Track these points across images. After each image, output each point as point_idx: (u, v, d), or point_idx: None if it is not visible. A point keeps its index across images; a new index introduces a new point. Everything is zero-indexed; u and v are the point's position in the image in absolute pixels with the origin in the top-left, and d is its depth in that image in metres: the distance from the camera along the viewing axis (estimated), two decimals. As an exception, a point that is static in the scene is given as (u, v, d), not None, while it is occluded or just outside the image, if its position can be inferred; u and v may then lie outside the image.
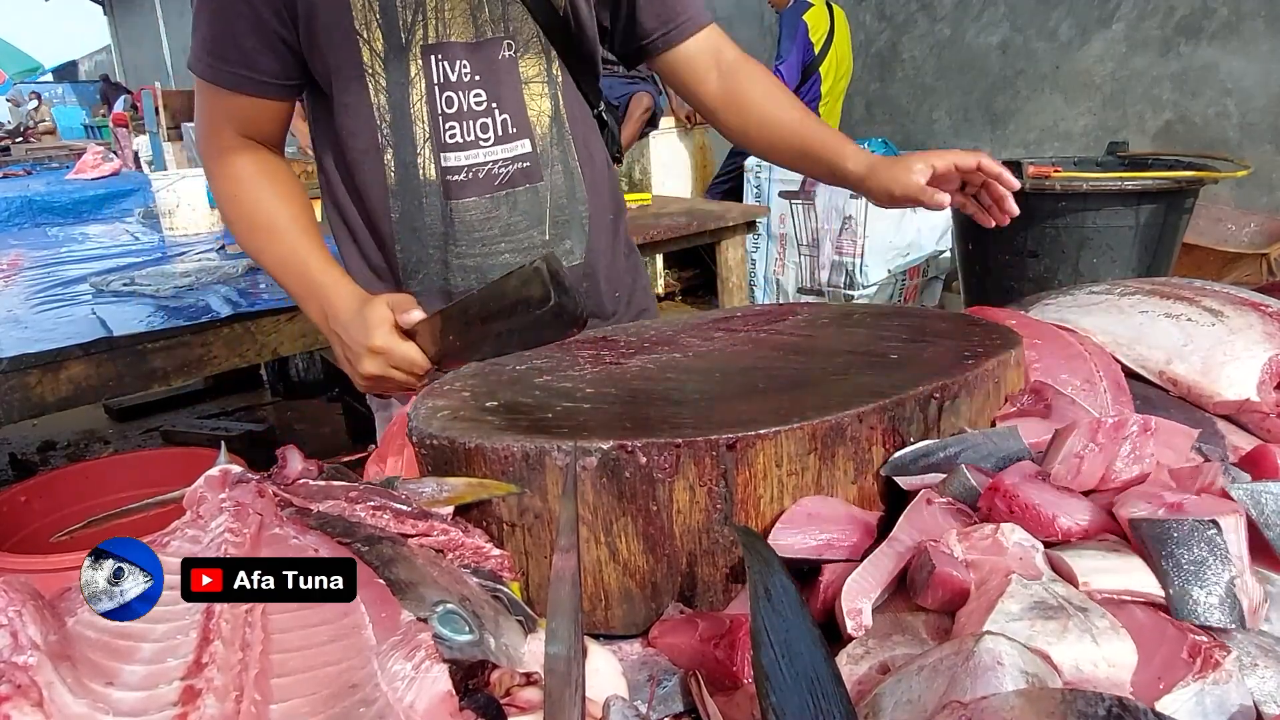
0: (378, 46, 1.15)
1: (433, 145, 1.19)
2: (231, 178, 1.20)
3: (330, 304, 1.12)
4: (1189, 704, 0.48)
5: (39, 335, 2.02)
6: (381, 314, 1.04)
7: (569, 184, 1.27)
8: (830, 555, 0.66)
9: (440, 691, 0.46)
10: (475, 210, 1.22)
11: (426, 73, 1.17)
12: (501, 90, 1.20)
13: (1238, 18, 4.04)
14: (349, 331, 1.08)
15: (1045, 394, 0.81)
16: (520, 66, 1.21)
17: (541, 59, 1.22)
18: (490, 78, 1.19)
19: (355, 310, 1.08)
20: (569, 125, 1.27)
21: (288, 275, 1.17)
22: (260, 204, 1.19)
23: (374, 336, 1.04)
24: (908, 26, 5.52)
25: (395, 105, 1.18)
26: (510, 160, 1.22)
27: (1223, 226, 3.85)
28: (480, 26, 1.18)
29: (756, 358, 0.88)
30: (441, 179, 1.20)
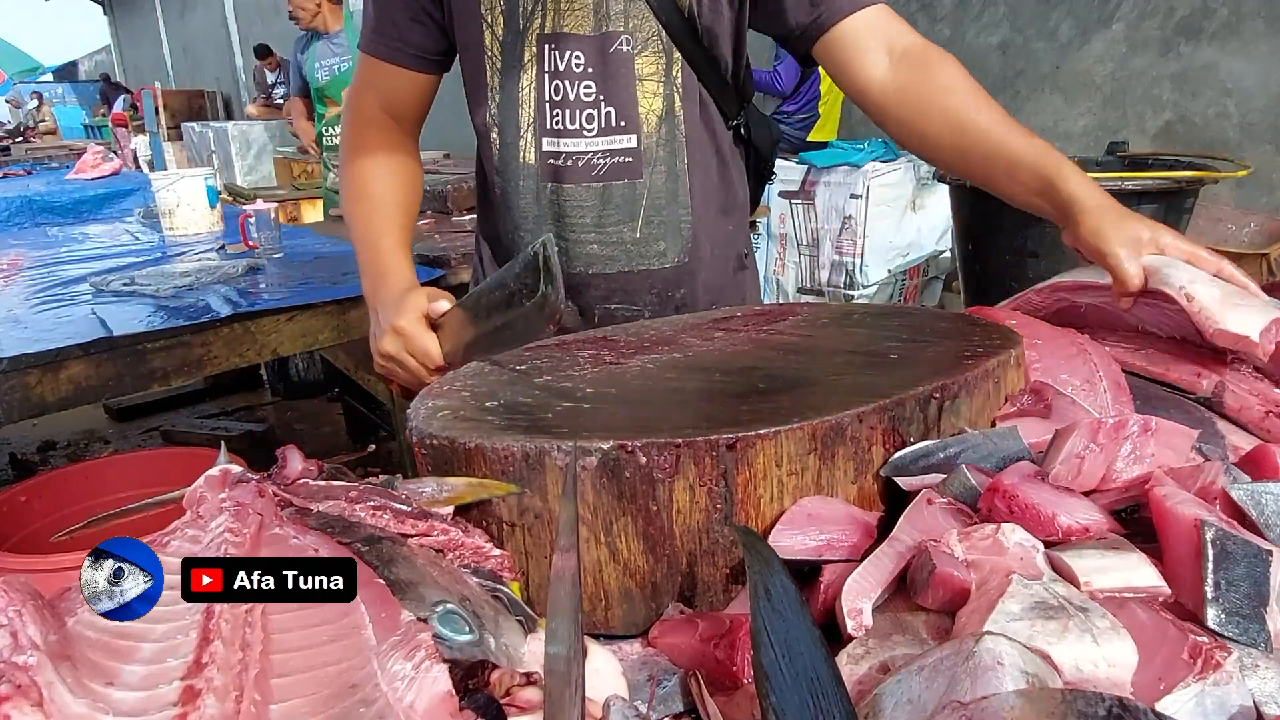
0: (498, 30, 1.22)
1: (535, 130, 1.24)
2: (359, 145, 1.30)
3: (382, 280, 1.18)
4: (1189, 705, 0.48)
5: (39, 335, 2.02)
6: (417, 301, 1.10)
7: (671, 186, 1.27)
8: (830, 555, 0.66)
9: (440, 691, 0.46)
10: (570, 197, 1.25)
11: (539, 60, 1.21)
12: (612, 84, 1.22)
13: (1238, 18, 4.05)
14: (385, 309, 1.13)
15: (1045, 394, 0.81)
16: (636, 63, 1.22)
17: (661, 58, 1.22)
18: (602, 70, 1.21)
19: (399, 292, 1.14)
20: (684, 127, 1.26)
21: (362, 245, 1.24)
22: (370, 175, 1.28)
23: (401, 317, 1.09)
24: (908, 27, 5.52)
25: (505, 88, 1.24)
26: (612, 153, 1.24)
27: (1223, 226, 3.85)
28: (599, 20, 1.20)
29: (756, 358, 0.88)
30: (541, 163, 1.25)
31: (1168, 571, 0.57)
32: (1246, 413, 0.88)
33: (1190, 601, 0.55)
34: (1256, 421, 0.87)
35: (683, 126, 1.26)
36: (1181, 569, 0.56)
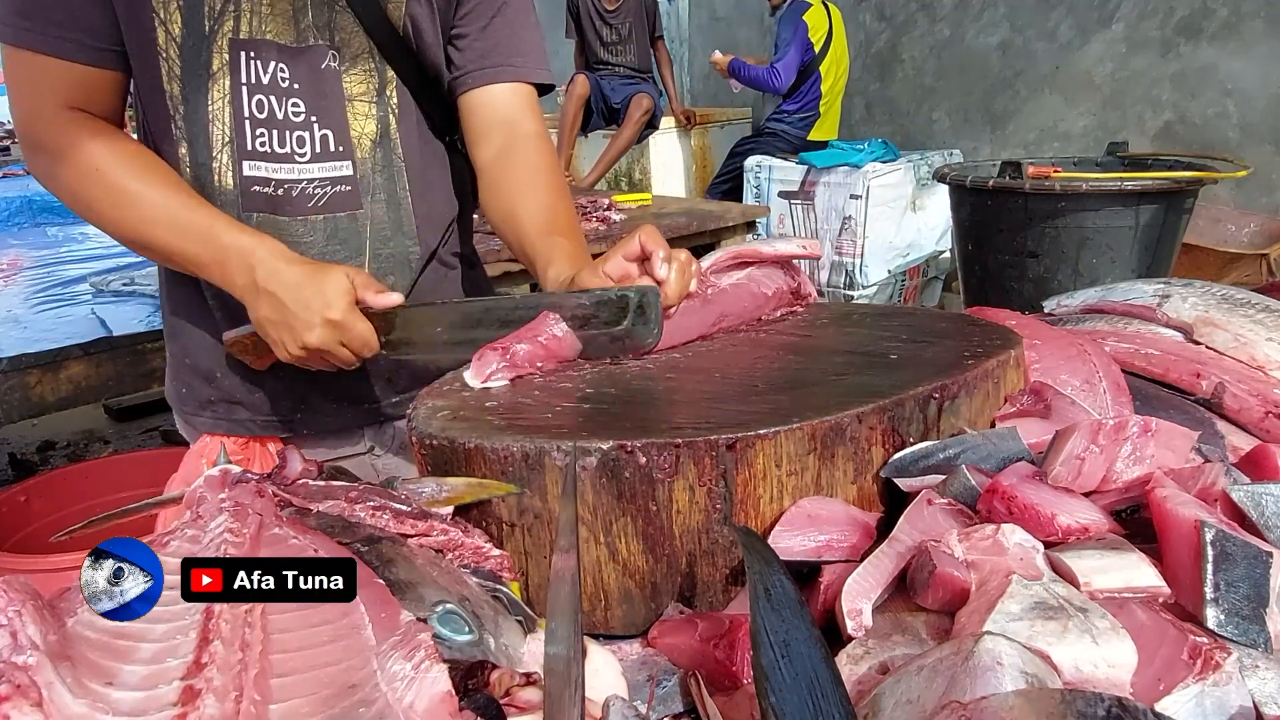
0: (174, 30, 1.03)
1: (232, 151, 1.08)
2: (84, 152, 1.03)
3: (266, 264, 0.99)
4: (1189, 705, 0.48)
5: (39, 335, 2.02)
6: (343, 285, 0.98)
7: (394, 216, 1.16)
8: (830, 556, 0.66)
9: (440, 692, 0.46)
10: (288, 232, 1.10)
11: (234, 69, 1.05)
12: (324, 103, 1.10)
13: (1237, 18, 4.05)
14: (298, 297, 0.98)
15: (1045, 394, 0.81)
16: (345, 81, 1.10)
17: (373, 77, 1.12)
18: (311, 88, 1.09)
19: (306, 275, 0.99)
20: (402, 152, 1.16)
21: (187, 239, 1.02)
22: (130, 173, 1.03)
23: (333, 307, 0.97)
24: (907, 27, 5.53)
25: (190, 98, 1.06)
26: (329, 181, 1.12)
27: (1222, 227, 3.85)
28: (302, 31, 1.07)
29: (756, 358, 0.88)
30: (243, 189, 1.08)
31: (1167, 572, 0.57)
32: (1246, 413, 0.88)
33: (1190, 602, 0.55)
34: (1256, 422, 0.87)
35: (400, 151, 1.16)
36: (1181, 570, 0.56)
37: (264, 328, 1.02)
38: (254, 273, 0.99)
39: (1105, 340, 0.99)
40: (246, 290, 1.01)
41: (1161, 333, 1.02)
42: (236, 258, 1.00)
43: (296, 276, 0.99)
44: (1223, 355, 0.95)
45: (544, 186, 1.18)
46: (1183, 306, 1.02)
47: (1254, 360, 0.93)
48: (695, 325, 0.95)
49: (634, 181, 6.03)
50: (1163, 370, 0.95)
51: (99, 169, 1.03)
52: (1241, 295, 1.02)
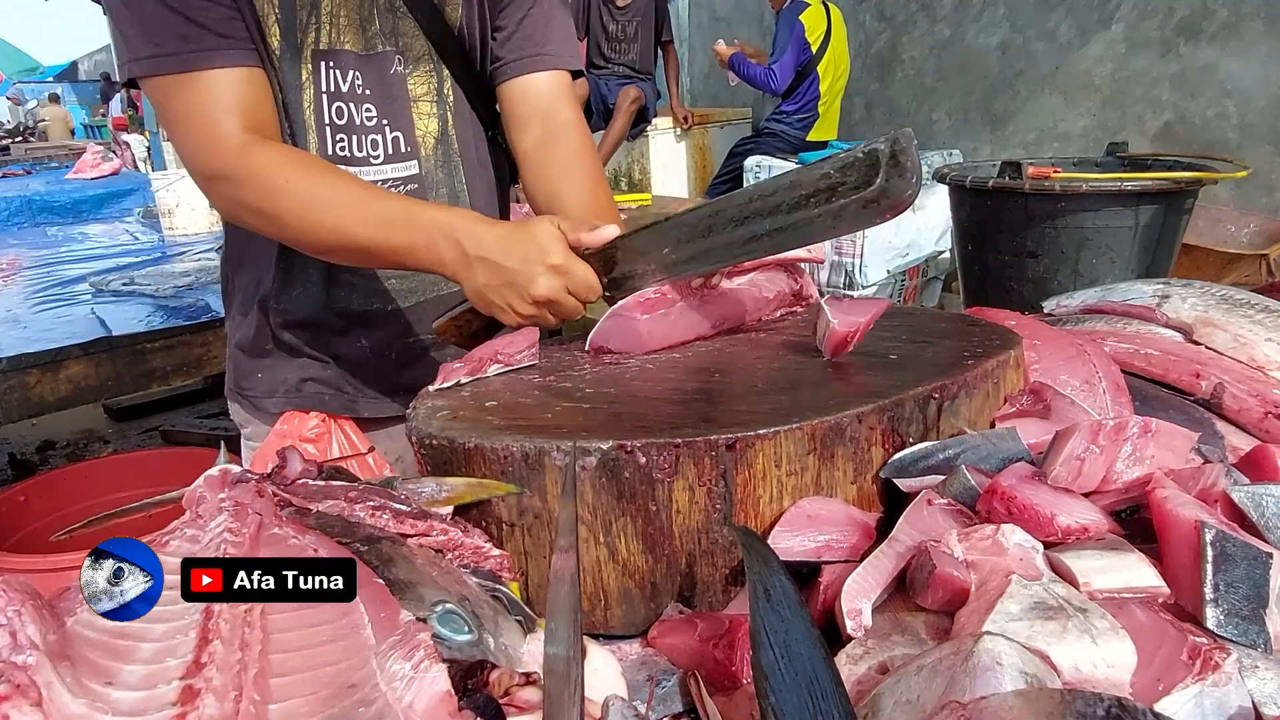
0: (274, 43, 1.08)
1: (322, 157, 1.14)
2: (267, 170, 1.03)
3: (469, 233, 0.98)
4: (1188, 705, 0.48)
5: (38, 335, 2.02)
6: (553, 231, 0.96)
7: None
8: (829, 556, 0.66)
9: (439, 691, 0.46)
10: None
11: (315, 79, 1.11)
12: (393, 107, 1.16)
13: (1237, 19, 4.05)
14: (513, 252, 0.96)
15: (1044, 394, 0.81)
16: (410, 83, 1.16)
17: (432, 77, 1.18)
18: (381, 92, 1.15)
19: (514, 231, 0.98)
20: (458, 147, 1.22)
21: (385, 229, 1.01)
22: (316, 180, 1.03)
23: (552, 253, 0.95)
24: (907, 27, 5.53)
25: (290, 107, 1.12)
26: (399, 181, 1.18)
27: (1222, 227, 3.85)
28: (370, 39, 1.12)
29: (756, 358, 0.88)
30: None
31: (1167, 573, 0.57)
32: (1245, 413, 0.88)
33: (1190, 603, 0.55)
34: (1255, 422, 0.87)
35: (457, 147, 1.22)
36: (1181, 570, 0.56)
37: (485, 296, 0.99)
38: (461, 244, 0.98)
39: (1105, 340, 0.99)
40: (458, 264, 0.99)
41: (1161, 333, 1.02)
42: (441, 236, 0.99)
43: (503, 235, 0.98)
44: (1222, 355, 0.95)
45: (585, 172, 1.22)
46: (1182, 307, 1.02)
47: (1253, 360, 0.93)
48: (696, 326, 0.95)
49: (634, 181, 6.03)
50: (1162, 370, 0.95)
51: (287, 182, 1.02)
52: (1241, 295, 1.02)
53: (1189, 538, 0.55)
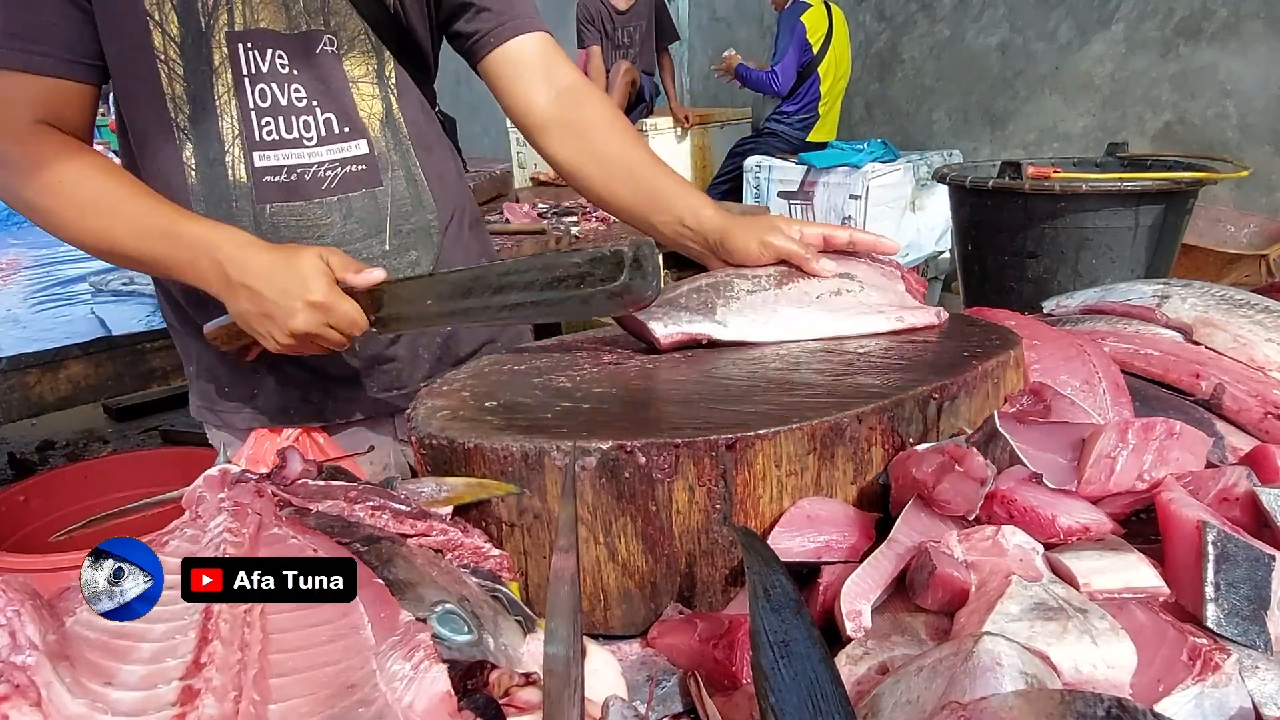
0: (172, 30, 1.03)
1: (243, 142, 1.08)
2: (44, 165, 1.02)
3: (234, 256, 0.97)
4: (1188, 706, 0.48)
5: (38, 335, 2.02)
6: (318, 265, 0.96)
7: (413, 191, 1.18)
8: (829, 556, 0.66)
9: (439, 692, 0.46)
10: (303, 216, 1.10)
11: (234, 62, 1.06)
12: (325, 86, 1.10)
13: (1237, 19, 4.05)
14: (273, 283, 0.96)
15: (1044, 394, 0.81)
16: (346, 64, 1.12)
17: (371, 58, 1.13)
18: (310, 72, 1.09)
19: (278, 262, 0.97)
20: (407, 130, 1.18)
21: (150, 241, 1.00)
22: (89, 180, 1.02)
23: (313, 290, 0.95)
24: (907, 27, 5.53)
25: (195, 97, 1.06)
26: (342, 162, 1.12)
27: (1222, 228, 3.85)
28: (294, 18, 1.07)
29: (756, 358, 0.88)
30: (254, 181, 1.09)
31: (1169, 573, 0.57)
32: (1245, 414, 0.88)
33: (1191, 602, 0.55)
34: (1255, 422, 0.87)
35: (405, 130, 1.18)
36: (1183, 570, 0.56)
37: (246, 321, 1.00)
38: (223, 267, 0.97)
39: (1105, 341, 0.99)
40: (220, 285, 0.99)
41: (1161, 333, 1.02)
42: (203, 254, 0.98)
43: (267, 264, 0.97)
44: (1222, 356, 0.95)
45: (629, 129, 1.19)
46: (1182, 307, 1.03)
47: (1253, 361, 0.93)
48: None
49: (634, 181, 6.02)
50: (1162, 371, 0.95)
51: (62, 182, 1.01)
52: (1241, 296, 1.02)
53: (1191, 537, 0.55)
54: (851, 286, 0.94)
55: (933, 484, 0.64)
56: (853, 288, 0.94)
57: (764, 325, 0.91)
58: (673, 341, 0.90)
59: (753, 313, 0.92)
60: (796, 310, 0.92)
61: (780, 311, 0.92)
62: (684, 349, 0.92)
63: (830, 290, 0.94)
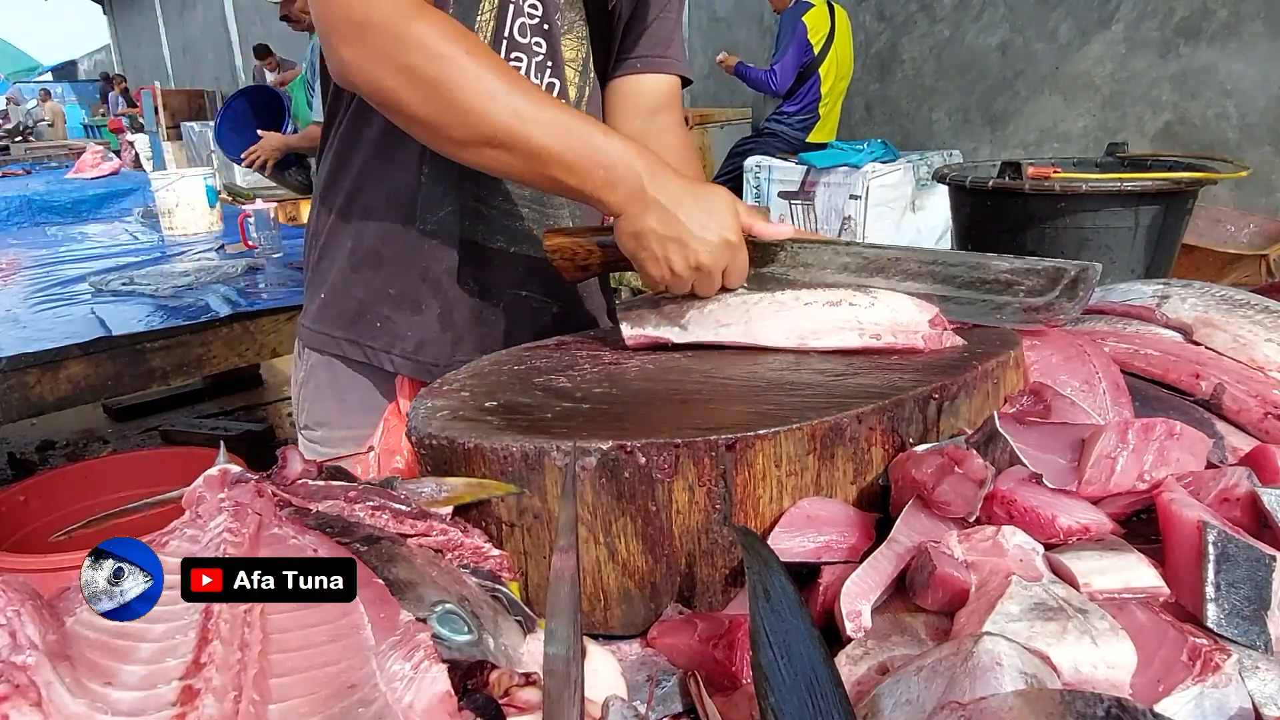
0: None
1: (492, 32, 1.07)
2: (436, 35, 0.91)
3: (655, 173, 0.92)
4: (1188, 706, 0.48)
5: (38, 335, 2.02)
6: (735, 206, 0.94)
7: None
8: (829, 557, 0.66)
9: (439, 692, 0.46)
10: None
11: None
12: (556, 56, 1.12)
13: (1237, 19, 4.05)
14: (694, 212, 0.92)
15: (1044, 395, 0.81)
16: (564, 44, 1.12)
17: (583, 46, 1.15)
18: (551, 35, 1.10)
19: (700, 193, 0.93)
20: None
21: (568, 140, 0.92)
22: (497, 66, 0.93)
23: (731, 229, 0.92)
24: (907, 27, 5.53)
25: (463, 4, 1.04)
26: None
27: (1222, 228, 3.85)
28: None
29: (756, 358, 0.88)
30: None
31: (1170, 573, 0.57)
32: (1245, 414, 0.88)
33: (1191, 603, 0.55)
34: (1255, 423, 0.87)
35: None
36: (1183, 570, 0.56)
37: (644, 239, 0.93)
38: (642, 179, 0.92)
39: (1104, 341, 0.99)
40: (631, 197, 0.93)
41: (1161, 333, 1.02)
42: (621, 163, 0.92)
43: (688, 191, 0.93)
44: (1222, 356, 0.95)
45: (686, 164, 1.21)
46: (1182, 307, 1.03)
47: (1253, 361, 0.93)
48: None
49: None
50: (1162, 371, 0.95)
51: (465, 54, 0.91)
52: (1241, 296, 1.02)
53: (1191, 538, 0.55)
54: (858, 300, 0.88)
55: (932, 485, 0.64)
56: (860, 301, 0.87)
57: (724, 330, 0.89)
58: (638, 343, 0.91)
59: (720, 317, 0.90)
60: (774, 317, 0.89)
61: (751, 317, 0.89)
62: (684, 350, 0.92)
63: (829, 300, 0.89)
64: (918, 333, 0.85)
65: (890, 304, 0.87)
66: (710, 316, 0.90)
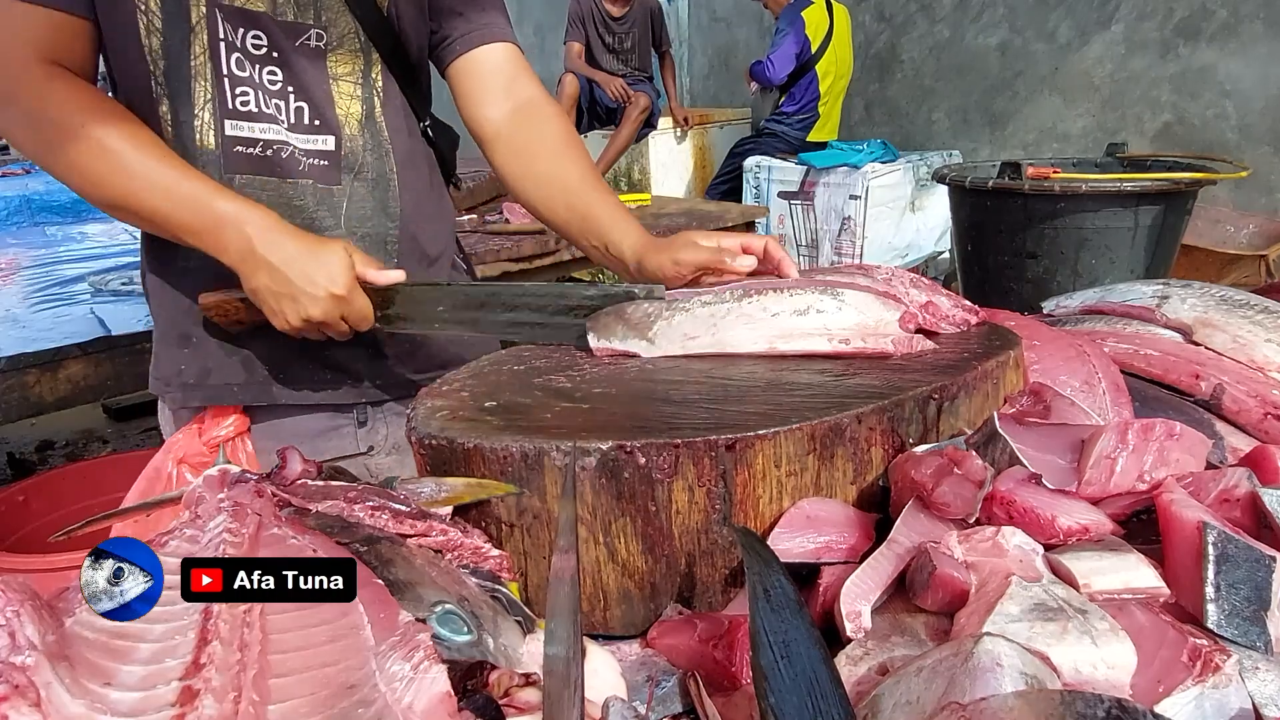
0: None
1: (214, 108, 1.04)
2: (64, 107, 0.96)
3: (263, 232, 0.97)
4: (1188, 707, 0.48)
5: (37, 335, 2.02)
6: (345, 259, 0.98)
7: (380, 197, 1.15)
8: (829, 557, 0.66)
9: (439, 692, 0.46)
10: (271, 193, 1.08)
11: (210, 25, 1.01)
12: (302, 78, 1.07)
13: (1236, 20, 4.05)
14: (301, 268, 0.97)
15: (1044, 395, 0.81)
16: (330, 60, 1.09)
17: (359, 58, 1.11)
18: (287, 58, 1.06)
19: (308, 248, 0.98)
20: (388, 134, 1.15)
21: (177, 205, 0.97)
22: (116, 132, 0.97)
23: (338, 282, 0.97)
24: (907, 28, 5.53)
25: (171, 52, 1.01)
26: (308, 152, 1.10)
27: (1221, 228, 3.85)
28: (281, 5, 1.04)
29: (755, 358, 0.88)
30: (223, 150, 1.05)
31: (1170, 574, 0.57)
32: (1245, 414, 0.88)
33: (1191, 603, 0.55)
34: (1255, 423, 0.87)
35: (387, 134, 1.15)
36: (1184, 571, 0.56)
37: (261, 296, 1.00)
38: (251, 241, 0.97)
39: (1104, 341, 0.99)
40: (243, 258, 0.98)
41: (1160, 334, 1.02)
42: (231, 226, 0.97)
43: (297, 249, 0.98)
44: (1222, 356, 0.95)
45: (576, 149, 1.21)
46: (1181, 307, 1.03)
47: (1253, 361, 0.93)
48: None
49: (633, 181, 6.03)
50: (1162, 371, 0.95)
51: (83, 126, 0.96)
52: (1240, 296, 1.02)
53: (1191, 538, 0.55)
54: (826, 306, 0.87)
55: (931, 487, 0.64)
56: (826, 307, 0.87)
57: (691, 343, 0.89)
58: (605, 354, 0.92)
59: (687, 329, 0.90)
60: (742, 328, 0.88)
61: (719, 328, 0.89)
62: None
63: (796, 309, 0.88)
64: (888, 336, 0.85)
65: (858, 305, 0.87)
66: (677, 329, 0.90)
